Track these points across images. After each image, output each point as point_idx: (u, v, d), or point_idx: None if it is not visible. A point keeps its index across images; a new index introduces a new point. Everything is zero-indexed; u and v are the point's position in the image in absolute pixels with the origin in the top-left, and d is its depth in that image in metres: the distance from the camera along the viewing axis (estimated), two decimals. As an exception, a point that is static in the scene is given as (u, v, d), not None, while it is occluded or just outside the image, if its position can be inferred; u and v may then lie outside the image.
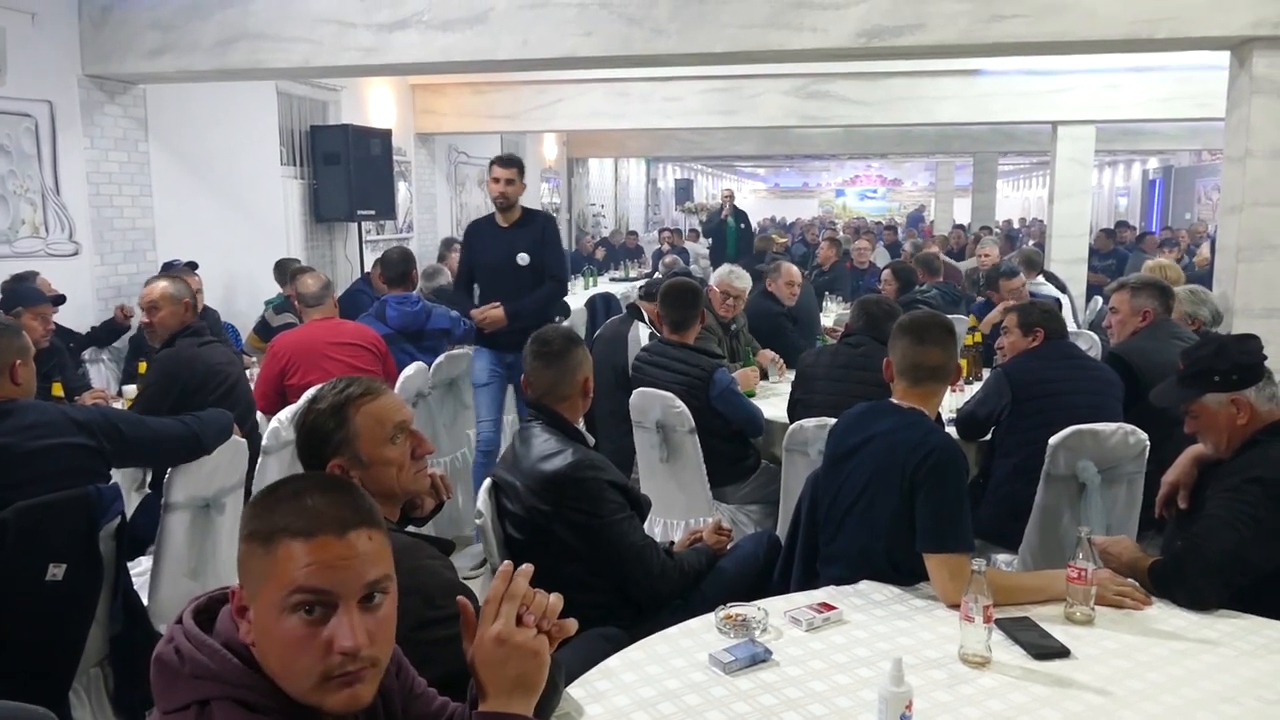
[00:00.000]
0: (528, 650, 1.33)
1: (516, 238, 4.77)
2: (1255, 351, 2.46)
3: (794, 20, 4.86)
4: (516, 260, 4.72)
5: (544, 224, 4.89)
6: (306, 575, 1.15)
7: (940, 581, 2.21)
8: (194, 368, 3.63)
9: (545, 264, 4.77)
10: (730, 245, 11.62)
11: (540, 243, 4.78)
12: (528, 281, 4.76)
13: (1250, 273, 4.73)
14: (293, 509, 1.19)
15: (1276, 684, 1.87)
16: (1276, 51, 4.57)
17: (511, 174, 4.76)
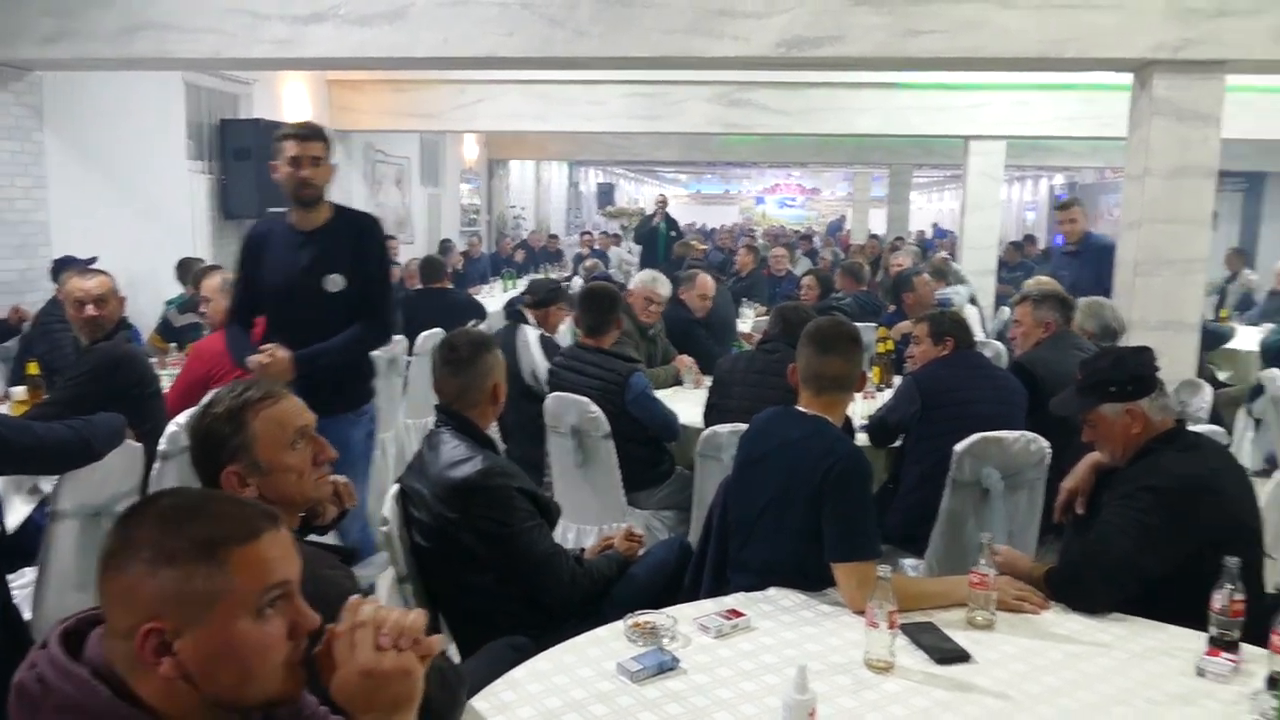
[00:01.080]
0: (397, 673, 1.24)
1: (322, 250, 3.34)
2: (1148, 364, 2.54)
3: (716, 28, 4.89)
4: (323, 284, 3.32)
5: (363, 231, 3.45)
6: (275, 570, 1.17)
7: (848, 589, 2.23)
8: (135, 363, 3.55)
9: (361, 292, 3.38)
10: (661, 252, 11.66)
11: (356, 260, 3.38)
12: (338, 315, 3.35)
13: (1148, 287, 4.92)
14: (211, 520, 1.16)
15: (1165, 685, 1.93)
16: (1175, 75, 4.76)
17: (315, 150, 3.29)
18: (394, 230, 11.12)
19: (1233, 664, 1.97)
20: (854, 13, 4.75)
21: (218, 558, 1.13)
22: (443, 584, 2.51)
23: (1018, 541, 3.38)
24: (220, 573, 1.12)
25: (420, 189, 12.59)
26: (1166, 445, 2.46)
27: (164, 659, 1.10)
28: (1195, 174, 4.81)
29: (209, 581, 1.12)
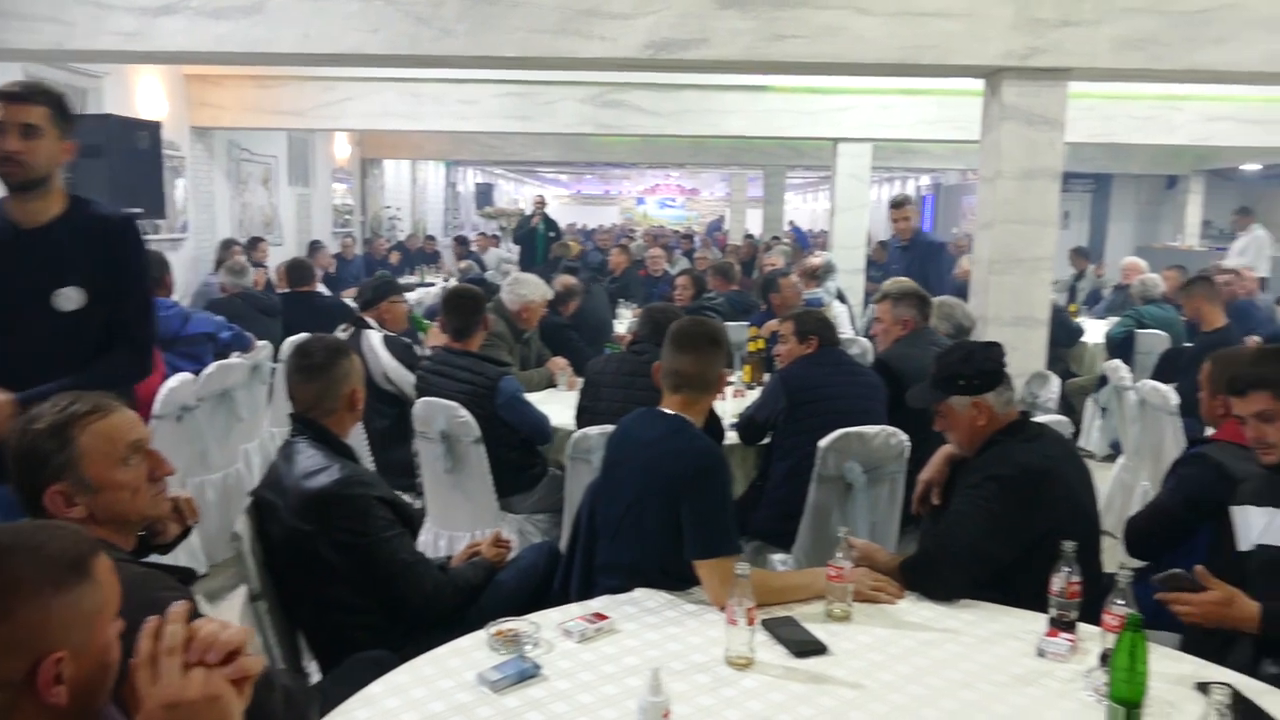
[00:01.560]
0: (204, 701, 1.15)
1: (51, 254, 2.51)
2: (996, 359, 2.65)
3: (584, 28, 4.87)
4: (53, 300, 2.49)
5: (110, 232, 2.59)
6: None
7: (710, 586, 2.26)
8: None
9: (113, 313, 2.57)
10: (540, 253, 11.57)
11: (101, 269, 2.54)
12: (76, 342, 2.52)
13: (1001, 284, 5.15)
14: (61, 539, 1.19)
15: (1009, 667, 2.01)
16: (1024, 81, 4.99)
17: (29, 116, 2.42)
18: (261, 231, 10.73)
19: (1070, 643, 2.07)
20: (720, 16, 4.81)
21: (86, 572, 1.17)
22: (300, 600, 2.43)
23: (880, 533, 3.49)
24: (94, 585, 1.18)
25: (289, 189, 12.17)
26: (1011, 436, 2.57)
27: (59, 688, 1.11)
28: (1042, 176, 5.06)
29: (91, 598, 1.16)
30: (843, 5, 4.81)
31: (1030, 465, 2.47)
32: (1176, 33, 4.82)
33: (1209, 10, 4.80)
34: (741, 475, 3.99)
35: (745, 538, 3.71)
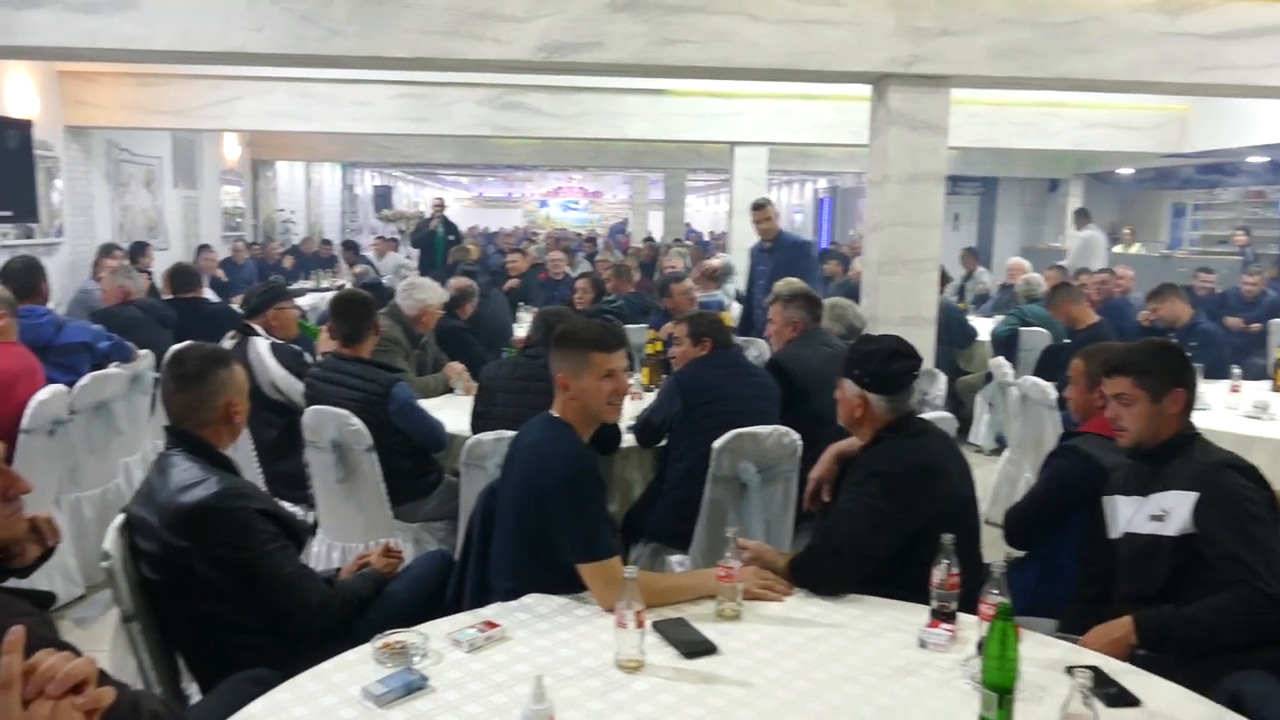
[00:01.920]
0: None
1: None
2: (895, 374, 2.62)
3: (476, 30, 4.83)
4: None
5: None
6: None
7: (596, 590, 2.26)
8: None
9: None
10: (439, 256, 11.40)
11: None
12: None
13: (890, 285, 5.30)
14: None
15: (892, 659, 2.07)
16: (908, 88, 5.15)
17: None
18: (145, 236, 10.31)
19: (950, 633, 2.13)
20: (613, 20, 4.83)
21: None
22: (177, 620, 2.33)
23: (775, 531, 3.55)
24: None
25: (174, 191, 11.73)
26: (896, 433, 2.63)
27: None
28: (927, 180, 5.22)
29: None
30: (733, 11, 4.88)
31: (914, 462, 2.54)
32: (1047, 43, 5.04)
33: (1076, 22, 5.04)
34: (639, 477, 4.01)
35: (643, 539, 3.74)
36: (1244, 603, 2.15)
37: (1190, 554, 2.27)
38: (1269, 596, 2.14)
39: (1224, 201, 14.98)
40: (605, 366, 2.46)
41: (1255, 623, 2.15)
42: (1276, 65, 5.26)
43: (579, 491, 2.30)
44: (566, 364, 2.49)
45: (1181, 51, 5.15)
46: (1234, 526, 2.23)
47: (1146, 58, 5.15)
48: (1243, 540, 2.20)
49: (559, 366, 2.51)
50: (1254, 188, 14.16)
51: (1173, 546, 2.30)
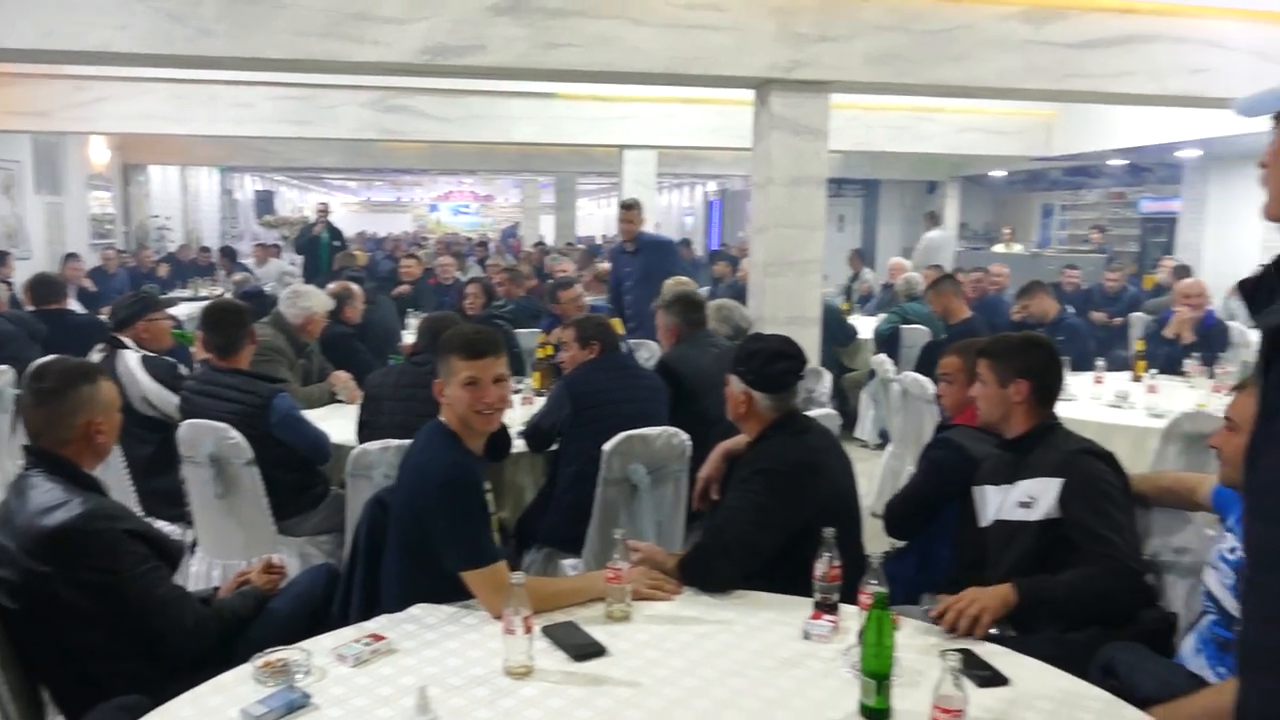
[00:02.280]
0: None
1: None
2: (777, 375, 2.68)
3: (355, 32, 4.74)
4: None
5: None
6: None
7: (482, 596, 2.24)
8: None
9: None
10: (324, 263, 11.12)
11: None
12: None
13: (775, 286, 5.41)
14: None
15: (777, 652, 2.11)
16: (790, 93, 5.26)
17: None
18: (4, 244, 9.76)
19: (833, 624, 2.19)
20: (495, 23, 4.80)
21: None
22: (40, 649, 2.21)
23: (666, 531, 3.58)
24: None
25: (35, 197, 11.12)
26: (780, 431, 2.69)
27: None
28: (809, 183, 5.35)
29: None
30: (616, 16, 4.91)
31: (797, 459, 2.60)
32: (921, 50, 5.23)
33: (948, 30, 5.24)
34: (530, 483, 3.99)
35: (535, 545, 3.72)
36: (1110, 574, 2.29)
37: (1054, 537, 2.40)
38: (1129, 569, 2.30)
39: (1088, 202, 15.81)
40: (466, 373, 2.38)
41: (1118, 591, 2.30)
42: (1131, 74, 5.58)
43: (454, 501, 2.27)
44: (441, 370, 2.47)
45: (1045, 60, 5.41)
46: (1096, 508, 2.37)
47: (1014, 65, 5.39)
48: (1104, 521, 2.35)
49: (438, 373, 2.48)
50: (1115, 189, 14.99)
51: (1038, 531, 2.43)
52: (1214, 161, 10.75)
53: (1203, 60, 5.64)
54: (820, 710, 1.86)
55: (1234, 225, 10.53)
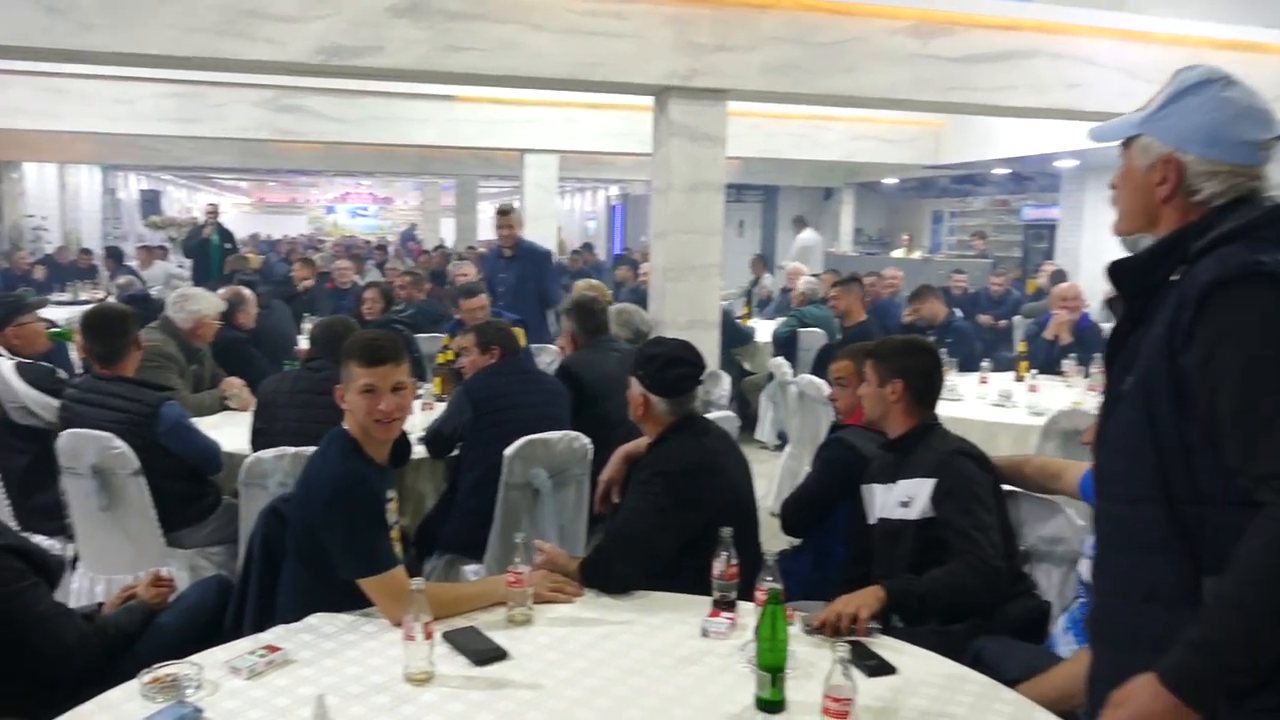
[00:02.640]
0: None
1: None
2: (676, 379, 2.73)
3: (247, 29, 4.62)
4: None
5: None
6: None
7: (381, 603, 2.23)
8: None
9: None
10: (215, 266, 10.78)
11: None
12: None
13: (676, 290, 5.48)
14: None
15: (676, 650, 2.15)
16: (688, 100, 5.34)
17: None
18: None
19: (730, 621, 2.24)
20: (394, 25, 4.75)
21: None
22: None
23: (569, 535, 3.60)
24: None
25: (-104, 196, 10.50)
26: (679, 433, 2.74)
27: None
28: (707, 189, 5.44)
29: None
30: (518, 20, 4.91)
31: (695, 460, 2.65)
32: (816, 61, 5.38)
33: (842, 42, 5.40)
34: (431, 489, 3.96)
35: (437, 551, 3.69)
36: (973, 572, 2.40)
37: (931, 536, 2.51)
38: (991, 568, 2.41)
39: (975, 209, 16.44)
40: (364, 380, 2.35)
41: (981, 589, 2.41)
42: (1013, 87, 5.85)
43: (346, 509, 2.25)
44: (343, 375, 2.44)
45: (932, 73, 5.63)
46: (965, 509, 2.48)
47: (903, 77, 5.59)
48: (971, 520, 2.46)
49: (338, 378, 2.46)
50: (1000, 197, 15.63)
51: (916, 530, 2.53)
52: (1090, 171, 11.32)
53: (1078, 76, 5.95)
54: (717, 704, 1.91)
55: (1109, 232, 11.05)
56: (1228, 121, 1.54)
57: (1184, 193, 1.56)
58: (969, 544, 2.42)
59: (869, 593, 2.30)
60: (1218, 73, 1.61)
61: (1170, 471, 1.48)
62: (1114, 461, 1.60)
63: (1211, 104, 1.56)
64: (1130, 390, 1.54)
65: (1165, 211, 1.58)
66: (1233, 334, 1.41)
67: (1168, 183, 1.56)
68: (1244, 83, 1.61)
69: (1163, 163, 1.57)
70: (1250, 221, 1.49)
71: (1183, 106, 1.58)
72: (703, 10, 5.14)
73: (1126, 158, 1.65)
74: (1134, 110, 1.65)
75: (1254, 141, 1.54)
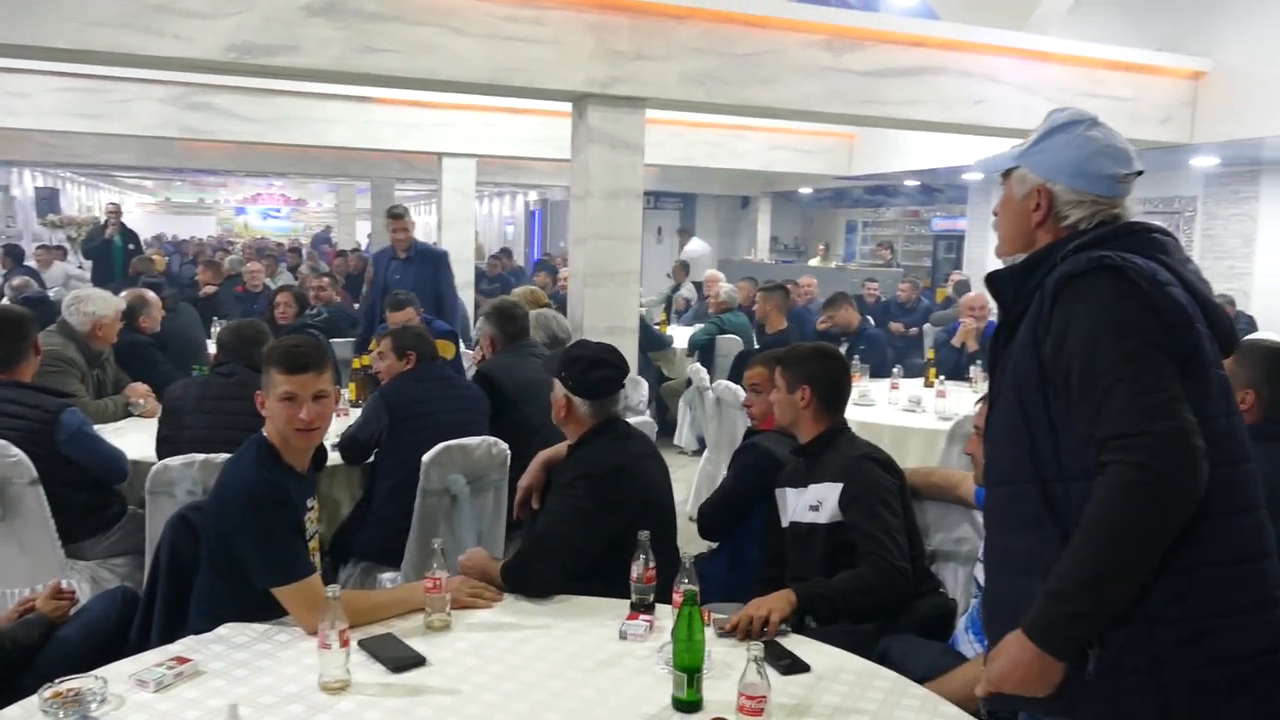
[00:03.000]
0: None
1: None
2: (599, 381, 2.74)
3: (154, 24, 4.48)
4: None
5: None
6: None
7: (296, 611, 2.20)
8: None
9: None
10: (118, 268, 10.40)
11: None
12: None
13: (595, 296, 5.50)
14: None
15: (594, 653, 2.17)
16: (607, 107, 5.37)
17: None
18: None
19: (648, 624, 2.28)
20: (309, 24, 4.66)
21: None
22: None
23: (487, 541, 3.59)
24: None
25: None
26: (600, 436, 2.76)
27: None
28: (626, 196, 5.48)
29: None
30: (437, 23, 4.87)
31: (618, 463, 2.67)
32: (732, 72, 5.46)
33: (758, 54, 5.50)
34: (347, 496, 3.90)
35: (353, 559, 3.64)
36: (879, 574, 2.48)
37: (841, 540, 2.59)
38: (895, 568, 2.50)
39: (888, 219, 16.86)
40: (284, 388, 2.34)
41: (888, 589, 2.50)
42: (921, 102, 6.03)
43: (260, 516, 2.22)
44: (263, 381, 2.40)
45: (844, 86, 5.77)
46: (870, 512, 2.57)
47: (816, 90, 5.71)
48: (877, 523, 2.55)
49: (256, 383, 2.42)
50: (911, 208, 16.07)
51: (825, 533, 2.61)
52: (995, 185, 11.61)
53: (983, 93, 6.17)
54: (635, 706, 1.94)
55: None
56: (1090, 157, 1.74)
57: (1054, 219, 1.76)
58: (875, 546, 2.50)
59: (780, 596, 2.35)
60: (1084, 115, 1.80)
61: (1040, 453, 1.65)
62: (995, 450, 1.78)
63: (1077, 141, 1.75)
64: (1005, 383, 1.72)
65: (1039, 235, 1.78)
66: (1081, 317, 1.59)
67: (1040, 209, 1.76)
68: (1107, 125, 1.80)
69: (1036, 192, 1.77)
70: (1103, 234, 1.69)
71: (1054, 143, 1.77)
72: (622, 19, 5.18)
73: (1006, 187, 1.85)
74: (1013, 146, 1.83)
75: (1113, 175, 1.73)
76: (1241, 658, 1.57)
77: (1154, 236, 1.71)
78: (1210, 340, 1.65)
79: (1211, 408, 1.59)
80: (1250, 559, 1.59)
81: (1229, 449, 1.60)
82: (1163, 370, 1.55)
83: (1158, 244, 1.69)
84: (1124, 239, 1.68)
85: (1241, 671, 1.56)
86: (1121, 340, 1.56)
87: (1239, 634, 1.57)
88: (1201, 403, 1.57)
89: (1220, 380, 1.64)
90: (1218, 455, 1.55)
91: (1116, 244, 1.65)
